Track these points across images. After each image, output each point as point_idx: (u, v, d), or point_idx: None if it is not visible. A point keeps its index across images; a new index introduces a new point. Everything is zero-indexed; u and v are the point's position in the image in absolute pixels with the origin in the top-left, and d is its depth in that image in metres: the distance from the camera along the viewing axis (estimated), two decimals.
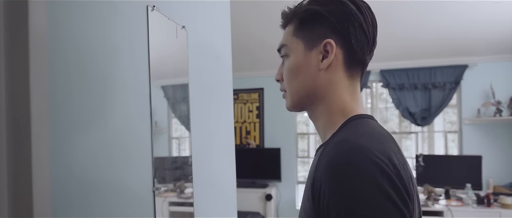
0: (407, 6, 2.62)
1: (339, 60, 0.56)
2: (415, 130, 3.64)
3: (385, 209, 0.41)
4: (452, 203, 2.94)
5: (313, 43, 0.57)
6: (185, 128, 0.97)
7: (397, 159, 0.46)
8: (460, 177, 3.11)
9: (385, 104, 3.80)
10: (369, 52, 0.58)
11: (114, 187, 0.65)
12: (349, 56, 0.57)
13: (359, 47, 0.56)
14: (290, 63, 0.60)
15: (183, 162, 0.96)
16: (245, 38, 3.15)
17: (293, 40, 0.60)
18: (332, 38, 0.55)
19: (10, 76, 0.43)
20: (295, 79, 0.59)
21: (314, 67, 0.57)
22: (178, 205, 0.91)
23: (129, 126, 0.70)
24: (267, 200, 3.59)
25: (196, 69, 1.01)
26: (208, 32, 1.12)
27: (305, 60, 0.58)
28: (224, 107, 1.24)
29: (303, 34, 0.58)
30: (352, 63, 0.57)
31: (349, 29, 0.55)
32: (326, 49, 0.56)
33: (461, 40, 3.03)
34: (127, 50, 0.69)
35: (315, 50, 0.57)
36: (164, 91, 0.85)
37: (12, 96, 0.43)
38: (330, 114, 0.58)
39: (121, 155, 0.67)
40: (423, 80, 3.45)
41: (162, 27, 0.84)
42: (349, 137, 0.50)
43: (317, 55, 0.57)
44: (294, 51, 0.59)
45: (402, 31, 2.93)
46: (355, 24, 0.55)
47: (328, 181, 0.45)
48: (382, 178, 0.42)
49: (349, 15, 0.55)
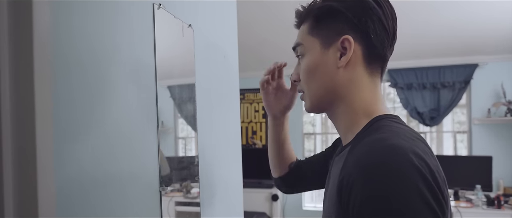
0: (416, 3, 2.58)
1: (358, 56, 0.54)
2: (423, 130, 3.59)
3: (421, 212, 0.39)
4: (461, 205, 2.89)
5: (330, 40, 0.55)
6: (191, 128, 0.96)
7: (431, 161, 0.44)
8: (470, 178, 3.06)
9: (393, 104, 3.76)
10: (390, 46, 0.56)
11: (120, 187, 0.65)
12: (368, 52, 0.54)
13: (379, 42, 0.54)
14: (307, 63, 0.58)
15: (190, 162, 0.95)
16: (251, 37, 3.14)
17: (309, 38, 0.58)
18: (350, 34, 0.53)
19: (14, 77, 0.43)
20: (313, 79, 0.57)
21: (332, 66, 0.55)
22: (184, 205, 0.91)
23: (136, 126, 0.69)
24: (273, 200, 3.58)
25: (203, 69, 1.00)
26: (214, 30, 1.11)
27: (322, 59, 0.56)
28: (231, 108, 1.23)
29: (320, 32, 0.56)
30: (372, 59, 0.55)
31: (367, 24, 0.53)
32: (344, 46, 0.54)
33: (471, 38, 2.97)
34: (133, 50, 0.69)
35: (333, 48, 0.55)
36: (170, 91, 0.85)
37: (16, 97, 0.43)
38: (352, 114, 0.56)
39: (127, 155, 0.67)
40: (432, 80, 3.40)
41: (168, 26, 0.83)
42: (382, 136, 0.47)
43: (335, 52, 0.55)
44: (311, 50, 0.57)
45: (411, 28, 2.89)
46: (374, 18, 0.53)
47: (360, 180, 0.42)
48: (419, 179, 0.40)
49: (367, 10, 0.53)
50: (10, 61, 0.42)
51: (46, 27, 0.45)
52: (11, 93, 0.42)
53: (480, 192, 2.92)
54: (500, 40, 2.96)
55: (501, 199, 2.79)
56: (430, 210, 0.40)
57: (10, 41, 0.42)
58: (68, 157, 0.52)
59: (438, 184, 0.42)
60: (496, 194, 2.88)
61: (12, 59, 0.42)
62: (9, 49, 0.42)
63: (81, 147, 0.55)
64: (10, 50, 0.42)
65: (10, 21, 0.42)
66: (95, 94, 0.59)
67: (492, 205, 2.80)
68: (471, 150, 3.38)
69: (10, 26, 0.42)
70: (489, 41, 3.02)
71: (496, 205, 2.78)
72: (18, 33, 0.42)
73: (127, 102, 0.67)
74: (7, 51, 0.42)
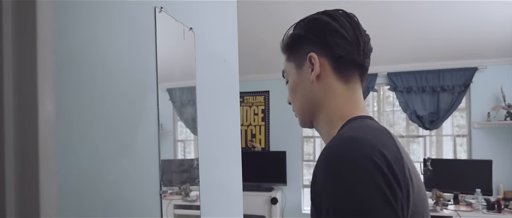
0: (416, 5, 2.59)
1: (327, 69, 0.61)
2: (423, 133, 3.59)
3: (380, 209, 0.42)
4: (461, 208, 2.88)
5: (301, 61, 0.63)
6: (191, 131, 0.96)
7: (389, 153, 0.47)
8: (470, 182, 3.05)
9: (392, 107, 3.76)
10: (359, 52, 0.61)
11: (121, 190, 0.64)
12: (336, 62, 0.61)
13: (343, 51, 0.60)
14: (289, 85, 0.67)
15: (189, 165, 0.95)
16: (251, 40, 3.15)
17: (288, 65, 0.67)
18: (314, 51, 0.61)
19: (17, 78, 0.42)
20: (296, 97, 0.65)
21: (307, 82, 0.62)
22: (183, 208, 0.90)
23: (136, 129, 0.69)
24: (272, 203, 3.57)
25: (203, 72, 1.00)
26: (215, 34, 1.11)
27: (299, 78, 0.64)
28: (231, 111, 1.23)
29: (293, 57, 0.65)
30: (342, 68, 0.61)
31: (326, 38, 0.60)
32: (312, 62, 0.61)
33: (471, 41, 2.98)
34: (134, 52, 0.69)
35: (305, 67, 0.62)
36: (170, 94, 0.85)
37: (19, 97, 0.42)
38: (330, 121, 0.61)
39: (127, 158, 0.66)
40: (432, 83, 3.40)
41: (170, 29, 0.83)
42: (345, 132, 0.53)
43: (307, 70, 0.62)
44: (290, 73, 0.66)
45: (411, 31, 2.90)
46: (332, 32, 0.60)
47: (322, 173, 0.47)
48: (376, 173, 0.44)
49: (323, 26, 0.61)
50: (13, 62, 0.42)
51: (49, 29, 0.45)
52: (14, 93, 0.42)
53: (480, 196, 2.91)
54: (499, 44, 2.97)
55: (501, 203, 2.79)
56: (389, 207, 0.43)
57: (14, 42, 0.42)
58: (69, 158, 0.52)
59: (396, 176, 0.45)
60: (496, 198, 2.87)
61: (16, 60, 0.42)
62: (12, 49, 0.42)
63: (83, 148, 0.55)
64: (13, 50, 0.42)
65: (14, 22, 0.42)
66: (97, 96, 0.59)
67: (492, 209, 2.79)
68: (470, 153, 3.38)
69: (14, 27, 0.42)
70: (489, 45, 3.03)
71: (496, 209, 2.77)
72: (22, 34, 0.42)
73: (129, 105, 0.67)
74: (10, 51, 0.42)
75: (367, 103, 3.83)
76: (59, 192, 0.48)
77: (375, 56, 0.70)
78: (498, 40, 2.92)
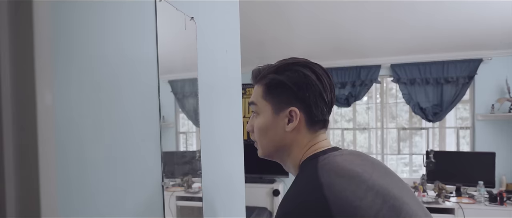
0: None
1: (302, 122, 0.66)
2: (426, 125, 3.58)
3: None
4: (463, 201, 2.88)
5: (280, 108, 0.66)
6: (193, 122, 0.95)
7: (331, 191, 0.53)
8: (472, 174, 3.04)
9: (395, 99, 3.74)
10: (329, 112, 0.68)
11: (123, 182, 0.64)
12: (310, 119, 0.66)
13: (319, 111, 0.65)
14: (260, 123, 0.69)
15: (191, 157, 0.94)
16: (253, 31, 3.12)
17: (262, 102, 0.69)
18: (296, 105, 0.65)
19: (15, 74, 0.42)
20: (265, 137, 0.69)
21: (281, 129, 0.66)
22: (185, 200, 0.90)
23: (138, 121, 0.68)
24: (274, 195, 3.58)
25: (205, 63, 0.99)
26: (217, 24, 1.10)
27: (273, 122, 0.67)
28: (233, 102, 1.22)
29: (271, 99, 0.67)
30: (313, 123, 0.67)
31: (310, 98, 0.64)
32: (291, 115, 0.65)
33: (476, 31, 2.94)
34: (135, 43, 0.67)
35: (282, 114, 0.66)
36: (171, 85, 0.84)
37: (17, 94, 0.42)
38: (296, 163, 0.68)
39: (129, 150, 0.66)
40: (435, 75, 3.37)
41: (171, 19, 0.81)
42: (288, 195, 0.59)
43: (284, 118, 0.66)
44: (264, 112, 0.68)
45: (415, 21, 2.85)
46: (316, 94, 0.64)
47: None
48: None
49: (310, 86, 0.64)
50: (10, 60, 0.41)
51: (47, 21, 0.43)
52: (12, 91, 0.41)
53: (483, 188, 2.91)
54: (505, 35, 2.93)
55: (503, 195, 2.78)
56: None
57: (10, 40, 0.41)
58: (68, 153, 0.51)
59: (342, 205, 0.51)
60: (499, 191, 2.86)
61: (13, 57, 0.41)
62: (10, 47, 0.41)
63: (81, 143, 0.54)
64: (10, 47, 0.41)
65: (10, 20, 0.41)
66: (96, 89, 0.58)
67: (494, 202, 2.79)
68: (474, 146, 3.36)
69: (11, 25, 0.41)
70: (494, 36, 2.99)
71: (499, 202, 2.77)
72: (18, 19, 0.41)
73: (129, 97, 0.66)
74: (7, 50, 0.41)
75: (370, 95, 3.80)
76: (59, 187, 0.48)
77: (378, 47, 0.71)
78: (503, 32, 2.87)
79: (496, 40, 3.05)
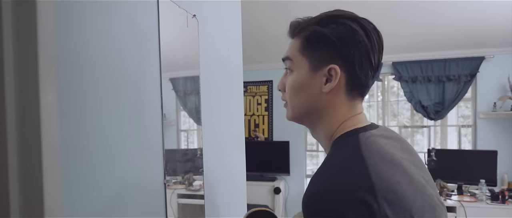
0: None
1: (341, 84, 0.58)
2: (427, 124, 3.57)
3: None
4: (465, 199, 2.88)
5: (319, 65, 0.58)
6: (194, 120, 0.95)
7: (378, 175, 0.47)
8: (474, 173, 3.04)
9: (396, 97, 3.73)
10: (373, 77, 0.60)
11: (125, 180, 0.64)
12: (352, 81, 0.58)
13: (363, 73, 0.57)
14: (294, 80, 0.61)
15: (193, 155, 0.94)
16: (254, 29, 3.11)
17: (299, 57, 0.60)
18: (337, 63, 0.56)
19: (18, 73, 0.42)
20: (298, 96, 0.61)
21: (317, 89, 0.59)
22: (187, 198, 0.90)
23: (140, 119, 0.68)
24: (275, 193, 3.59)
25: (207, 61, 0.99)
26: (219, 21, 1.09)
27: (309, 81, 0.59)
28: (235, 100, 1.22)
29: (309, 54, 0.59)
30: (354, 87, 0.59)
31: (355, 56, 0.56)
32: (331, 74, 0.57)
33: (478, 29, 2.92)
34: (137, 41, 0.67)
35: (320, 73, 0.58)
36: (173, 83, 0.84)
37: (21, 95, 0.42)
38: (329, 133, 0.61)
39: (131, 148, 0.66)
40: (437, 73, 3.35)
41: (173, 16, 0.81)
42: (327, 171, 0.52)
43: (321, 77, 0.58)
44: (299, 68, 0.60)
45: (417, 18, 2.84)
46: (362, 52, 0.56)
47: (303, 208, 0.50)
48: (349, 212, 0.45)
49: (356, 42, 0.55)
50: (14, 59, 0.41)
51: (50, 21, 0.43)
52: (15, 92, 0.41)
53: (484, 187, 2.91)
54: (507, 33, 2.91)
55: (505, 193, 2.78)
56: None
57: (14, 41, 0.41)
58: (71, 150, 0.51)
59: (377, 200, 0.45)
60: (501, 189, 2.86)
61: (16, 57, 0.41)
62: (13, 48, 0.41)
63: (84, 141, 0.54)
64: (14, 48, 0.41)
65: (14, 21, 0.41)
66: (98, 86, 0.57)
67: (496, 200, 2.79)
68: (475, 144, 3.35)
69: (15, 26, 0.41)
70: (496, 34, 2.97)
71: (500, 200, 2.77)
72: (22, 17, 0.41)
73: (131, 95, 0.66)
74: (11, 51, 0.41)
75: (372, 94, 3.79)
76: (64, 184, 0.48)
77: None
78: (506, 29, 2.86)
79: (499, 38, 3.03)
